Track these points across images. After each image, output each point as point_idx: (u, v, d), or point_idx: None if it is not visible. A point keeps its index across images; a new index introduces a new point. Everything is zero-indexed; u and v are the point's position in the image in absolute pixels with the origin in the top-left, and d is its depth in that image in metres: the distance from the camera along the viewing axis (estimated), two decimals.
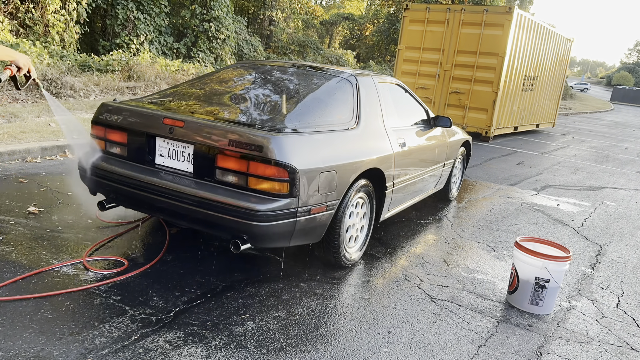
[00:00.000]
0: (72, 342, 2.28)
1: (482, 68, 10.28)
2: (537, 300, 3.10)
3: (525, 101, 11.99)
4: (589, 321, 3.11)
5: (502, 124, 11.06)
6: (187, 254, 3.38)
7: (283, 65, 4.00)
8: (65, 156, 5.68)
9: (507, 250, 4.20)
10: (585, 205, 6.12)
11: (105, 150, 3.25)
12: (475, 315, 3.01)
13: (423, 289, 3.27)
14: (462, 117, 10.64)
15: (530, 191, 6.54)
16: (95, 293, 2.74)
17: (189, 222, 2.97)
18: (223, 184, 2.80)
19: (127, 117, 3.12)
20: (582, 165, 9.30)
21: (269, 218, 2.67)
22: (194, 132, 2.86)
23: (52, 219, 3.73)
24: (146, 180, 2.93)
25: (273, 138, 2.69)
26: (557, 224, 5.16)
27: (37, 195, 4.21)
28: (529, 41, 10.98)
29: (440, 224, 4.75)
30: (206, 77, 3.92)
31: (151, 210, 3.11)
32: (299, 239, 2.96)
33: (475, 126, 10.55)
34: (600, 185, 7.55)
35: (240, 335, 2.50)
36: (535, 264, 3.07)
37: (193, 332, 2.48)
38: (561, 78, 14.34)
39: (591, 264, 4.12)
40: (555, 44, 12.85)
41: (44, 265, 2.98)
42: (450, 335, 2.74)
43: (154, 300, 2.73)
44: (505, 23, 9.86)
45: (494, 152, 9.52)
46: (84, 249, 3.27)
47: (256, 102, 3.43)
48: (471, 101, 10.54)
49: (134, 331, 2.43)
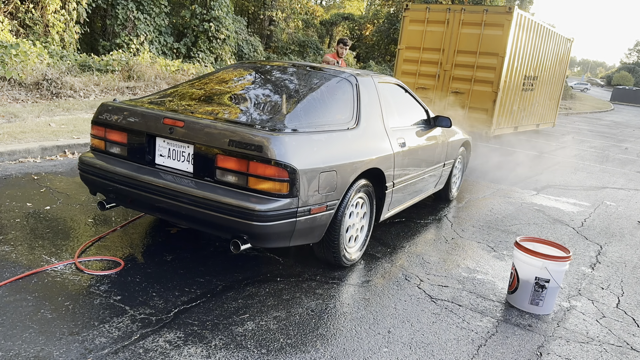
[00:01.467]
0: (72, 342, 2.28)
1: (482, 68, 10.27)
2: (537, 300, 3.10)
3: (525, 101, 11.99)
4: (589, 321, 3.11)
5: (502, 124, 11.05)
6: (187, 254, 3.38)
7: (283, 65, 3.99)
8: (65, 156, 5.68)
9: (507, 250, 4.20)
10: (585, 205, 6.12)
11: (105, 150, 3.25)
12: (475, 315, 3.01)
13: (423, 289, 3.27)
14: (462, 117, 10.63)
15: (530, 191, 6.54)
16: (95, 293, 2.74)
17: (188, 222, 2.97)
18: (223, 184, 2.80)
19: (127, 117, 3.12)
20: (582, 165, 9.30)
21: (269, 218, 2.67)
22: (194, 132, 2.86)
23: (52, 219, 3.73)
24: (146, 180, 2.93)
25: (273, 138, 2.69)
26: (557, 224, 5.16)
27: (37, 195, 4.21)
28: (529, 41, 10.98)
29: (440, 224, 4.75)
30: (206, 77, 3.92)
31: (151, 210, 3.11)
32: (299, 239, 2.96)
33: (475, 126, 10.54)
34: (600, 185, 7.55)
35: (241, 335, 2.50)
36: (535, 264, 3.07)
37: (193, 332, 2.48)
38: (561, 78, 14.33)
39: (591, 264, 4.12)
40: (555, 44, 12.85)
41: (43, 265, 2.98)
42: (450, 335, 2.74)
43: (154, 300, 2.73)
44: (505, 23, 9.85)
45: (494, 152, 9.52)
46: (84, 249, 3.27)
47: (256, 102, 3.43)
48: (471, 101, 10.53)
49: (134, 331, 2.42)
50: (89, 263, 3.09)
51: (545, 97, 13.42)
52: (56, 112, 7.60)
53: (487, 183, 6.71)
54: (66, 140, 5.93)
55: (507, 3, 29.25)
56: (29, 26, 11.39)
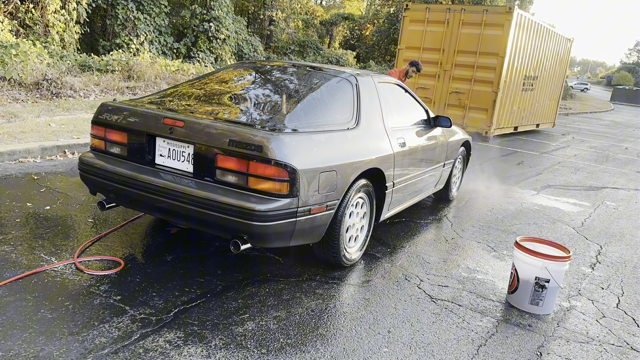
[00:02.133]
0: (72, 342, 2.28)
1: (482, 68, 10.28)
2: (537, 300, 3.10)
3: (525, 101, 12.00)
4: (589, 321, 3.11)
5: (502, 124, 11.06)
6: (187, 254, 3.38)
7: (283, 65, 3.99)
8: (65, 156, 5.68)
9: (507, 250, 4.20)
10: (585, 205, 6.12)
11: (105, 150, 3.25)
12: (475, 315, 3.01)
13: (423, 289, 3.27)
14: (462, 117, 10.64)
15: (530, 191, 6.54)
16: (95, 293, 2.74)
17: (189, 222, 2.97)
18: (223, 183, 2.80)
19: (127, 117, 3.12)
20: (582, 165, 9.30)
21: (269, 218, 2.67)
22: (194, 132, 2.86)
23: (52, 219, 3.73)
24: (146, 180, 2.92)
25: (273, 138, 2.69)
26: (557, 224, 5.16)
27: (37, 195, 4.21)
28: (529, 41, 10.98)
29: (440, 224, 4.75)
30: (206, 77, 3.91)
31: (151, 210, 3.10)
32: (299, 239, 2.96)
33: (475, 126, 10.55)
34: (600, 185, 7.55)
35: (240, 335, 2.50)
36: (535, 264, 3.07)
37: (193, 332, 2.48)
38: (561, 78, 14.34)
39: (591, 264, 4.12)
40: (556, 44, 12.86)
41: (43, 265, 2.98)
42: (450, 335, 2.74)
43: (154, 300, 2.73)
44: (505, 23, 9.86)
45: (494, 152, 9.52)
46: (83, 249, 3.27)
47: (256, 102, 3.43)
48: (471, 101, 10.54)
49: (134, 331, 2.42)
50: (89, 263, 3.09)
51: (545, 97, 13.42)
52: (56, 112, 7.60)
53: (487, 183, 6.71)
54: (66, 140, 5.93)
55: (507, 3, 29.26)
56: (29, 26, 11.39)
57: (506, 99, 10.73)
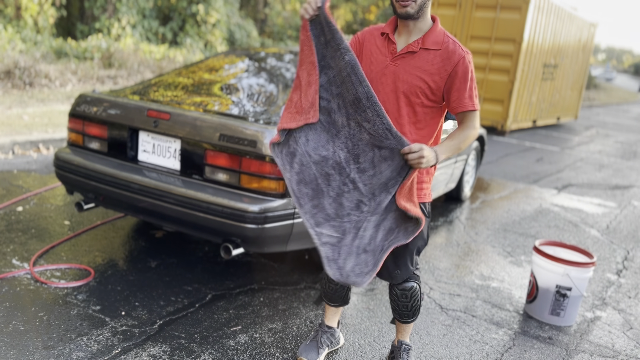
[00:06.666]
0: (46, 357, 2.28)
1: (498, 55, 10.26)
2: (558, 310, 3.10)
3: (545, 92, 11.99)
4: (615, 333, 3.11)
5: (520, 117, 11.06)
6: (174, 260, 3.38)
7: (279, 52, 3.99)
8: (39, 152, 5.67)
9: (525, 255, 4.20)
10: (611, 206, 6.12)
11: (83, 145, 3.25)
12: (490, 327, 3.01)
13: (433, 298, 3.27)
14: None
15: (550, 190, 6.54)
16: (72, 303, 2.74)
17: (175, 225, 2.97)
18: (213, 182, 2.80)
19: (107, 109, 3.11)
20: (607, 161, 9.31)
21: (264, 220, 2.67)
22: (180, 125, 2.85)
23: (24, 221, 3.72)
24: (128, 179, 2.92)
25: (268, 132, 2.68)
26: (580, 227, 5.17)
27: (8, 194, 4.20)
28: (549, 26, 10.97)
29: (452, 226, 4.75)
30: (194, 65, 3.92)
31: (134, 212, 3.10)
32: (297, 243, 2.96)
33: (490, 119, 10.55)
34: (627, 183, 7.56)
35: (232, 349, 2.50)
36: (556, 270, 3.07)
37: (180, 345, 2.47)
38: (584, 66, 14.34)
39: (617, 270, 4.12)
40: (578, 29, 12.85)
41: (14, 270, 2.97)
42: (462, 349, 2.74)
43: (137, 311, 2.72)
44: (523, 6, 9.84)
45: (510, 148, 9.53)
46: (58, 253, 3.27)
47: (249, 92, 3.43)
48: (485, 92, 10.53)
49: (115, 344, 2.42)
50: (48, 272, 3.08)
51: (567, 87, 13.42)
52: (29, 104, 7.59)
53: (503, 181, 6.72)
54: (40, 135, 5.92)
55: None
56: None
57: (524, 89, 10.72)
